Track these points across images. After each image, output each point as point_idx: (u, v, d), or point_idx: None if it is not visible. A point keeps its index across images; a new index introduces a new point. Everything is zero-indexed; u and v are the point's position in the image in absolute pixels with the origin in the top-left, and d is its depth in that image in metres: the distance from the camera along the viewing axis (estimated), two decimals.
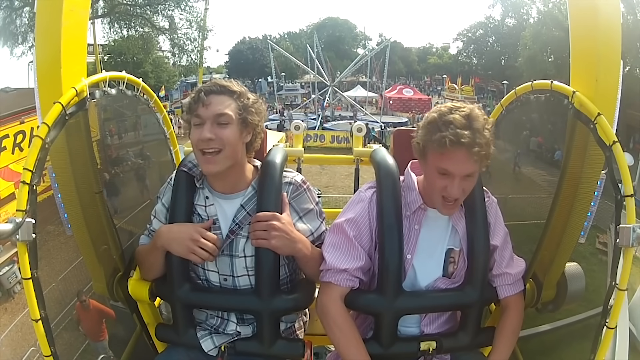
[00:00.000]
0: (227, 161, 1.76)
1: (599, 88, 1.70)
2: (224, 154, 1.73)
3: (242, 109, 1.76)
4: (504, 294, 1.89)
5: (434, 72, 64.38)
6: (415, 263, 1.82)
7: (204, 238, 1.77)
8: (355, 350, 1.73)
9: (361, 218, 1.83)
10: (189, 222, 1.86)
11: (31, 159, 1.54)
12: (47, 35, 1.72)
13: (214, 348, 1.85)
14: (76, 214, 1.87)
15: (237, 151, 1.79)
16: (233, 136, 1.73)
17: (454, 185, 1.63)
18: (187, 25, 32.38)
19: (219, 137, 1.71)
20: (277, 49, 43.48)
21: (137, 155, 2.70)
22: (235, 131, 1.74)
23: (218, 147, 1.71)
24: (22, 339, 7.38)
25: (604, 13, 1.71)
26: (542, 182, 2.35)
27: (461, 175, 1.62)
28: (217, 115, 1.71)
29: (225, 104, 1.74)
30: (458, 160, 1.59)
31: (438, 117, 1.63)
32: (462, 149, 1.56)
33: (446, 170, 1.62)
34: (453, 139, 1.55)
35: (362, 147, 3.44)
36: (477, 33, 50.02)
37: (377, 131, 28.11)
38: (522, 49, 34.54)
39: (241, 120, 1.75)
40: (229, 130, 1.72)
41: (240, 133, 1.76)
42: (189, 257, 1.78)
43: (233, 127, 1.73)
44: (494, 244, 1.86)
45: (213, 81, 1.80)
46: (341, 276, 1.80)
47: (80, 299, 5.43)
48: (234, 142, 1.74)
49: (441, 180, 1.65)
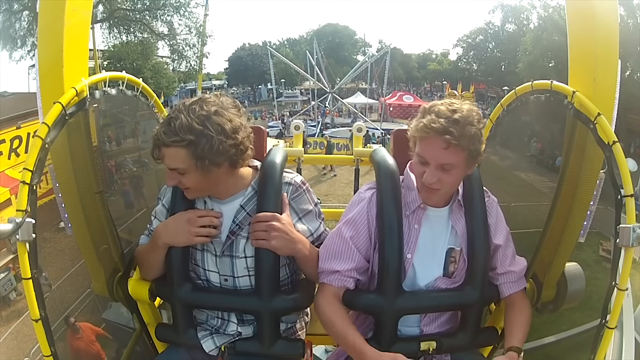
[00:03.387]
0: (200, 193, 1.82)
1: (597, 88, 1.71)
2: (193, 191, 1.78)
3: (195, 156, 1.64)
4: (509, 291, 1.89)
5: (434, 78, 64.40)
6: (415, 262, 1.82)
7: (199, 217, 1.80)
8: (352, 337, 1.72)
9: (360, 218, 1.84)
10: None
11: (31, 159, 1.54)
12: (49, 36, 1.73)
13: (215, 348, 1.85)
14: (76, 213, 1.87)
15: (209, 184, 1.77)
16: (194, 182, 1.72)
17: (428, 173, 1.68)
18: (187, 31, 32.58)
19: (182, 182, 1.73)
20: (276, 55, 43.61)
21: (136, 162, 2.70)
22: (194, 177, 1.70)
23: (184, 187, 1.76)
24: (18, 347, 7.33)
25: (602, 13, 1.72)
26: (545, 190, 2.35)
27: (436, 164, 1.66)
28: (173, 169, 1.70)
29: (176, 158, 1.66)
30: (432, 147, 1.65)
31: (429, 107, 1.70)
32: (435, 135, 1.62)
33: (421, 157, 1.68)
34: (426, 123, 1.62)
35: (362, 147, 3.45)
36: (477, 39, 50.22)
37: (377, 138, 28.11)
38: (522, 55, 34.66)
39: (199, 166, 1.67)
40: (187, 178, 1.71)
41: (203, 174, 1.70)
42: (195, 241, 1.80)
43: (191, 174, 1.70)
44: (497, 243, 1.86)
45: (161, 126, 1.66)
46: (334, 276, 1.81)
47: (68, 324, 5.21)
48: (198, 184, 1.74)
49: (420, 167, 1.72)
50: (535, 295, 2.00)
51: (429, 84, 65.76)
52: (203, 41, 33.16)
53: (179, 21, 32.34)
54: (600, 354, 1.65)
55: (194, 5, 32.12)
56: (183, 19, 32.23)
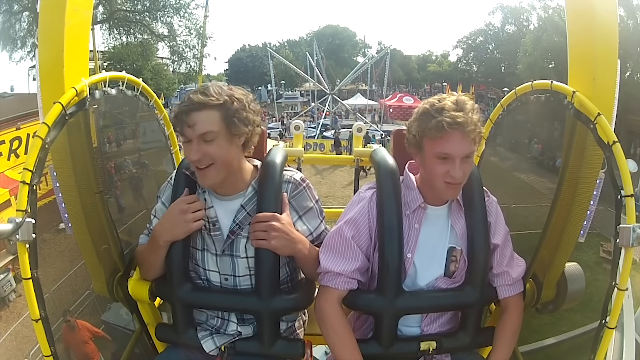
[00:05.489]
0: (220, 173, 1.75)
1: (597, 88, 1.72)
2: (215, 168, 1.73)
3: (227, 119, 1.70)
4: (504, 295, 1.89)
5: (434, 79, 64.26)
6: (416, 261, 1.82)
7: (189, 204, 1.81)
8: (350, 352, 1.73)
9: (360, 217, 1.84)
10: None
11: (31, 159, 1.54)
12: (49, 36, 1.73)
13: (215, 348, 1.85)
14: (76, 213, 1.88)
15: (231, 160, 1.77)
16: (221, 150, 1.71)
17: (455, 167, 1.67)
18: (187, 33, 32.57)
19: (207, 155, 1.70)
20: (276, 56, 43.58)
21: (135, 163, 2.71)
22: (222, 144, 1.71)
23: (209, 162, 1.72)
24: (17, 348, 7.32)
25: (601, 14, 1.73)
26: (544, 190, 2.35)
27: (461, 157, 1.67)
28: (202, 135, 1.68)
29: (208, 121, 1.68)
30: (456, 142, 1.65)
31: (430, 107, 1.70)
32: (459, 129, 1.63)
33: (446, 153, 1.67)
34: (450, 121, 1.63)
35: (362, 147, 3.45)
36: (477, 40, 50.08)
37: (377, 139, 28.07)
38: (522, 56, 34.60)
39: (228, 131, 1.71)
40: (215, 145, 1.70)
41: (230, 143, 1.73)
42: (194, 227, 1.80)
43: (220, 141, 1.70)
44: (495, 243, 1.86)
45: (193, 94, 1.72)
46: (339, 279, 1.81)
47: (65, 319, 5.22)
48: (224, 155, 1.72)
49: (442, 166, 1.69)
50: (535, 295, 2.00)
51: (429, 86, 65.63)
52: (203, 42, 33.15)
53: (179, 22, 32.36)
54: (600, 354, 1.65)
55: (194, 7, 32.12)
56: (183, 20, 32.25)
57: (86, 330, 4.61)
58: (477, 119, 1.68)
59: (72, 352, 4.83)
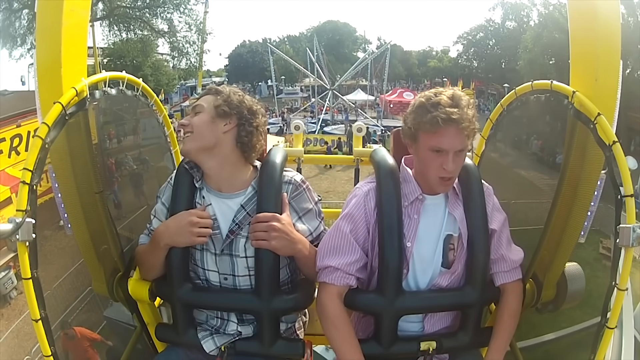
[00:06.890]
0: (195, 142, 1.84)
1: (599, 88, 1.71)
2: (192, 137, 1.84)
3: (217, 101, 1.88)
4: (501, 281, 1.90)
5: (434, 75, 63.99)
6: (415, 251, 1.82)
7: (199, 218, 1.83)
8: (350, 348, 1.74)
9: (357, 211, 1.85)
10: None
11: (31, 159, 1.54)
12: (47, 35, 1.72)
13: (215, 348, 1.86)
14: (76, 213, 1.87)
15: (208, 136, 1.84)
16: (201, 121, 1.85)
17: (448, 161, 1.70)
18: (187, 29, 32.58)
19: (191, 123, 1.85)
20: (276, 52, 43.39)
21: (136, 160, 2.70)
22: (205, 118, 1.85)
23: (190, 130, 1.85)
24: (19, 346, 7.32)
25: (604, 13, 1.71)
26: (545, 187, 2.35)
27: (454, 151, 1.70)
28: (195, 107, 1.90)
29: (204, 100, 1.91)
30: (450, 137, 1.69)
31: (426, 101, 1.73)
32: (454, 125, 1.67)
33: (440, 147, 1.70)
34: (444, 117, 1.66)
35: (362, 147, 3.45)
36: (477, 36, 49.98)
37: (377, 135, 28.04)
38: (522, 52, 34.57)
39: (214, 109, 1.86)
40: (198, 116, 1.86)
41: (212, 120, 1.85)
42: (196, 242, 1.81)
43: (204, 115, 1.86)
44: (492, 228, 1.87)
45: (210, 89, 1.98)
46: (335, 274, 1.81)
47: (64, 331, 5.20)
48: (203, 126, 1.84)
49: (436, 159, 1.73)
50: (535, 295, 1.99)
51: (429, 81, 65.30)
52: (203, 38, 33.16)
53: (179, 18, 32.42)
54: (600, 354, 1.65)
55: (194, 3, 32.18)
56: (183, 16, 32.30)
57: (85, 339, 4.60)
58: (472, 115, 1.72)
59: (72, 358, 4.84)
